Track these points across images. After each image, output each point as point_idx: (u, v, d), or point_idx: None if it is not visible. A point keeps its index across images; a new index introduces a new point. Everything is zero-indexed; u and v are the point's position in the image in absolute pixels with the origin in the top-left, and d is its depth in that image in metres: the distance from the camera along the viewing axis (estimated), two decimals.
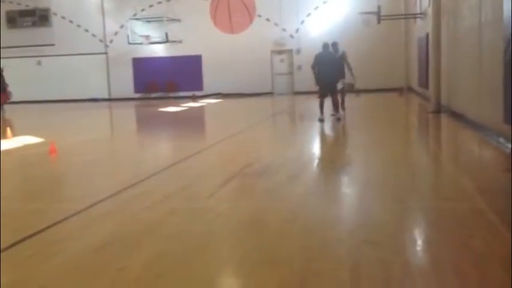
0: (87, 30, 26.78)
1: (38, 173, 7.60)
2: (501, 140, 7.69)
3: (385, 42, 23.87)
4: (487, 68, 8.93)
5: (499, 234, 3.97)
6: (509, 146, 6.93)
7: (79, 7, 26.71)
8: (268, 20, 25.21)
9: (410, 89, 22.70)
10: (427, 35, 15.36)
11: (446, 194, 5.46)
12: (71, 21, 26.77)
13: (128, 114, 20.22)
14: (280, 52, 25.58)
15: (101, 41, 26.88)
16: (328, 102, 12.36)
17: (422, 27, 17.55)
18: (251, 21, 25.26)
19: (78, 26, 26.76)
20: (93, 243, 4.05)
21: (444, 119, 12.22)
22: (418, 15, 19.14)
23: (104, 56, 26.95)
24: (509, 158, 6.53)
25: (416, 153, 8.54)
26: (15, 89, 26.43)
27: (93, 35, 26.83)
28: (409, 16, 21.42)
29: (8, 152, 9.62)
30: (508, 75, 7.33)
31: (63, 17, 26.81)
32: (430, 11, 14.19)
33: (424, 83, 17.06)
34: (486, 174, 6.37)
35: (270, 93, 25.36)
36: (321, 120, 11.99)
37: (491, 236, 3.92)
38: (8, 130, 11.64)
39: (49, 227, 4.52)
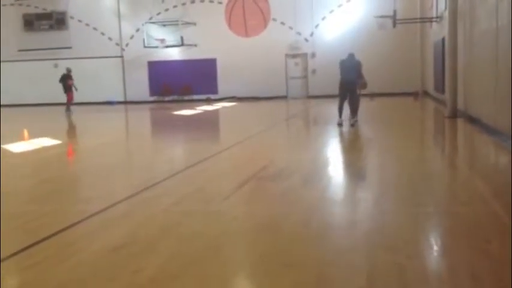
0: (103, 34, 27.03)
1: (55, 174, 7.69)
2: None
3: (400, 46, 23.74)
4: (504, 73, 8.84)
5: None
6: None
7: (95, 11, 26.99)
8: (283, 23, 25.24)
9: (426, 94, 22.54)
10: (443, 39, 15.25)
11: (463, 198, 5.41)
12: (87, 25, 27.05)
13: (143, 117, 20.35)
14: (294, 56, 25.57)
15: (117, 44, 27.11)
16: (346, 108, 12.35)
17: (439, 31, 17.43)
18: (266, 25, 25.36)
19: (95, 29, 27.03)
20: (109, 245, 4.08)
21: (461, 124, 12.11)
22: (434, 19, 19.02)
23: (119, 59, 27.17)
24: None
25: (433, 158, 8.48)
26: (33, 92, 26.90)
27: (109, 39, 27.08)
28: (425, 20, 21.28)
29: (25, 154, 9.74)
30: None
31: (79, 21, 27.10)
32: (446, 14, 14.10)
33: (440, 87, 16.93)
34: (502, 178, 6.30)
35: (284, 97, 25.36)
36: (340, 125, 11.93)
37: (507, 240, 3.87)
38: (25, 132, 11.78)
39: (66, 228, 4.58)
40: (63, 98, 21.97)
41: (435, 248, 3.91)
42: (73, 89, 21.28)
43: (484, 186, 5.80)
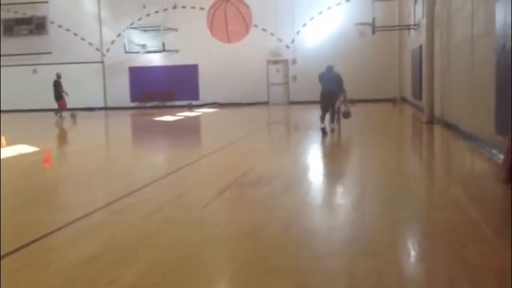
0: (83, 39, 26.83)
1: (32, 182, 7.60)
2: (493, 151, 7.77)
3: (379, 53, 24.04)
4: (479, 80, 9.03)
5: (492, 244, 4.02)
6: (501, 156, 7.00)
7: (76, 16, 26.77)
8: (264, 30, 25.36)
9: (404, 100, 22.85)
10: (421, 46, 15.50)
11: (440, 204, 5.51)
12: (67, 30, 26.82)
13: (123, 123, 20.23)
14: (276, 62, 25.71)
15: (97, 49, 26.93)
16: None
17: (416, 39, 17.71)
18: (247, 31, 25.42)
19: (75, 34, 26.81)
20: (88, 253, 4.06)
21: (437, 130, 12.32)
22: (412, 27, 19.32)
23: (100, 64, 26.99)
24: (500, 168, 6.59)
25: (410, 164, 8.61)
26: (11, 98, 26.51)
27: (90, 44, 26.88)
28: (403, 27, 21.60)
29: (2, 161, 9.61)
30: (500, 87, 7.43)
31: (59, 26, 26.86)
32: (423, 22, 14.34)
33: (417, 93, 17.19)
34: (479, 184, 6.44)
35: (265, 103, 25.45)
36: (323, 129, 11.88)
37: (484, 246, 3.96)
38: (3, 139, 11.62)
39: (43, 236, 4.53)
40: (42, 104, 21.67)
41: (413, 253, 3.98)
42: (64, 95, 20.72)
43: (460, 192, 5.91)
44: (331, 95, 12.16)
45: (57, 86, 20.51)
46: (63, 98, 20.45)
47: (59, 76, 20.76)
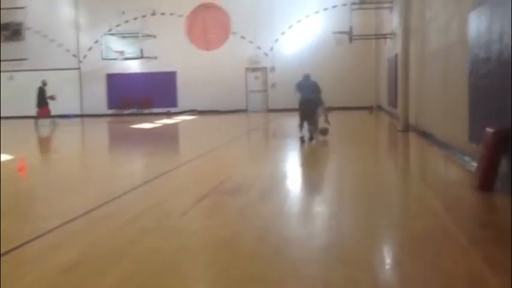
0: (60, 45, 26.56)
1: (7, 191, 7.47)
2: (466, 158, 7.93)
3: (357, 62, 24.36)
4: (453, 89, 9.22)
5: (465, 252, 4.10)
6: (475, 164, 7.14)
7: (53, 22, 26.51)
8: (243, 37, 25.48)
9: (380, 108, 23.16)
10: (397, 55, 15.75)
11: (415, 211, 5.61)
12: (44, 36, 26.53)
13: (100, 130, 20.04)
14: (254, 70, 25.83)
15: (74, 56, 26.69)
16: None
17: (392, 48, 17.99)
18: (226, 39, 25.52)
19: (52, 40, 26.54)
20: (63, 264, 4.01)
21: (412, 138, 12.52)
22: (388, 36, 19.63)
23: (77, 71, 26.74)
24: (473, 176, 6.73)
25: (386, 172, 8.72)
26: None
27: (67, 50, 26.63)
28: (380, 36, 21.93)
29: None
30: (473, 96, 7.60)
31: (36, 32, 26.55)
32: (399, 31, 14.59)
33: (393, 102, 17.45)
34: (453, 192, 6.56)
35: (244, 111, 25.51)
36: (302, 138, 11.98)
37: (457, 253, 4.04)
38: None
39: (17, 247, 4.46)
40: (18, 111, 21.25)
41: (388, 261, 4.04)
42: (48, 103, 20.38)
43: (435, 200, 6.02)
44: (310, 104, 12.22)
45: (41, 93, 20.29)
46: (46, 106, 20.24)
47: (44, 83, 20.54)
